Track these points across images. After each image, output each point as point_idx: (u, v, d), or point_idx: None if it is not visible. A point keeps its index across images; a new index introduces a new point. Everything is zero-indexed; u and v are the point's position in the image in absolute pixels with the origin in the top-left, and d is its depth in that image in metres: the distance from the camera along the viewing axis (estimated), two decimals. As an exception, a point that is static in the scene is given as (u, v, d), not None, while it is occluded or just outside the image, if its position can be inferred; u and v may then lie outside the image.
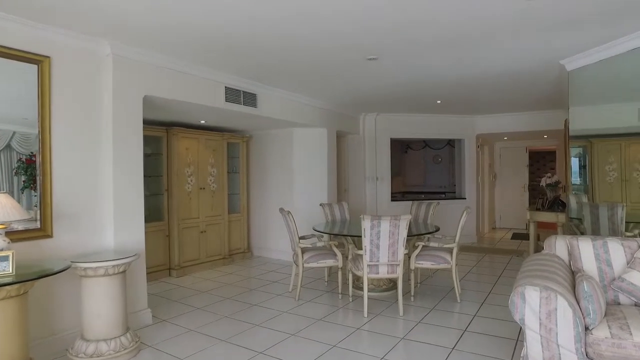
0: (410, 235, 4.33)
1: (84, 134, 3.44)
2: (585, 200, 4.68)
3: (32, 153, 3.12)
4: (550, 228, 9.30)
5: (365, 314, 4.01)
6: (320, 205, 5.73)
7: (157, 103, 4.34)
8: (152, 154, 5.91)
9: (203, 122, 5.90)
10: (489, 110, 7.64)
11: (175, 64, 4.14)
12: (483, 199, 9.33)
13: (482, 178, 9.16)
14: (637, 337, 2.16)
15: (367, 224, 3.89)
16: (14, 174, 3.06)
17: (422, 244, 4.43)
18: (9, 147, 3.02)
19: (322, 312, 4.20)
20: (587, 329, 2.29)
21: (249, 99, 5.17)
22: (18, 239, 2.90)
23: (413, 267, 4.43)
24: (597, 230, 4.42)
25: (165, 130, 5.81)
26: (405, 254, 4.14)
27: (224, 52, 3.95)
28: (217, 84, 4.71)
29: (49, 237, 3.16)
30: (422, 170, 10.68)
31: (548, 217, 5.47)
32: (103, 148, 3.58)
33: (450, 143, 10.01)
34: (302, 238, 4.93)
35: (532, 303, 2.37)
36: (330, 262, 4.57)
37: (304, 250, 4.64)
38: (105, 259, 3.01)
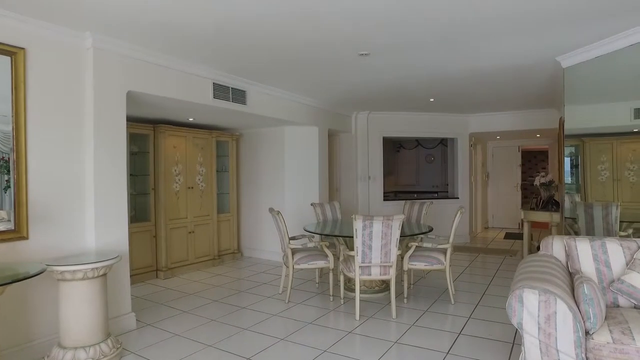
0: (403, 236, 4.23)
1: (63, 130, 3.28)
2: (578, 200, 4.63)
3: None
4: (543, 227, 9.31)
5: (357, 317, 3.89)
6: (312, 205, 5.61)
7: (142, 99, 4.18)
8: (138, 152, 5.75)
9: (191, 119, 5.74)
10: (482, 109, 7.57)
11: (161, 59, 3.99)
12: (476, 199, 9.28)
13: (474, 177, 9.10)
14: (640, 342, 2.07)
15: (359, 225, 3.78)
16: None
17: (415, 245, 4.33)
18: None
19: (312, 314, 4.08)
20: (587, 334, 2.20)
21: (238, 96, 5.03)
22: (-10, 241, 2.74)
23: (406, 268, 4.33)
24: (591, 230, 4.38)
25: (152, 128, 5.65)
26: (398, 255, 4.03)
27: (212, 47, 3.81)
28: (204, 80, 4.57)
29: (24, 238, 2.99)
30: (414, 170, 10.62)
31: (542, 216, 5.41)
32: (84, 145, 3.43)
33: (443, 142, 9.96)
34: (292, 239, 4.81)
35: (530, 307, 2.27)
36: (321, 263, 4.45)
37: (294, 251, 4.52)
38: (84, 262, 2.86)
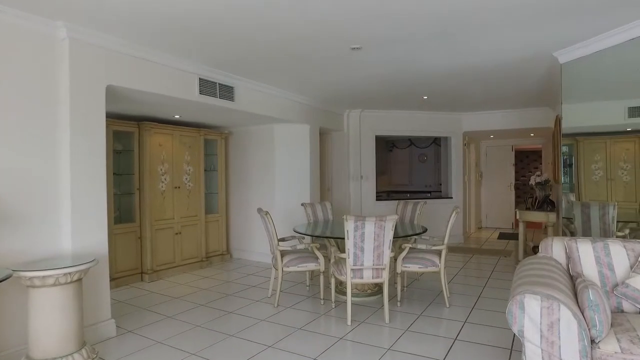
0: (397, 237, 4.08)
1: (35, 126, 3.07)
2: (573, 199, 4.55)
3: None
4: (536, 227, 9.23)
5: (349, 322, 3.73)
6: (302, 205, 5.44)
7: (124, 94, 3.99)
8: (122, 151, 5.54)
9: (177, 116, 5.55)
10: (476, 108, 7.45)
11: (143, 52, 3.80)
12: (469, 198, 9.18)
13: (468, 177, 8.99)
14: (650, 352, 1.94)
15: (350, 226, 3.62)
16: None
17: (409, 246, 4.18)
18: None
19: (302, 319, 3.92)
20: (592, 342, 2.06)
21: (226, 92, 4.85)
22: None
23: (399, 270, 4.18)
24: (587, 230, 4.32)
25: (137, 125, 5.44)
26: (391, 257, 3.88)
27: (196, 40, 3.62)
28: (190, 75, 4.38)
29: (-9, 241, 2.80)
30: (407, 169, 10.51)
31: (538, 216, 5.29)
32: (60, 142, 3.23)
33: (436, 142, 9.85)
34: (281, 240, 4.64)
35: (532, 313, 2.12)
36: (312, 265, 4.29)
37: (284, 254, 4.35)
38: (56, 267, 2.66)
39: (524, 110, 7.45)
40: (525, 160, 13.90)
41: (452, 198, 8.06)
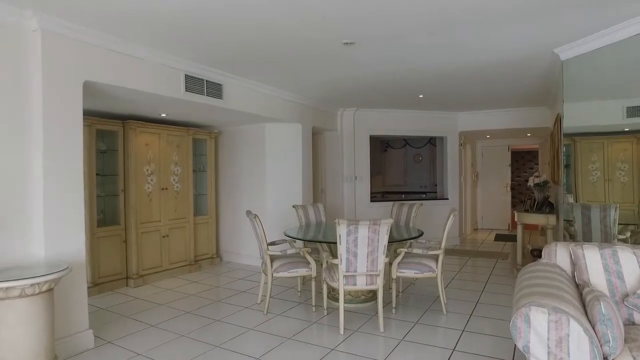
0: (392, 241, 3.90)
1: (3, 123, 2.86)
2: (571, 201, 4.42)
3: None
4: (533, 229, 9.09)
5: (342, 331, 3.54)
6: (294, 207, 5.25)
7: (104, 91, 3.77)
8: (106, 151, 5.32)
9: (164, 115, 5.33)
10: (473, 107, 7.30)
11: (125, 47, 3.59)
12: (465, 199, 9.02)
13: (464, 178, 8.84)
14: (669, 372, 1.77)
15: (343, 230, 3.43)
16: None
17: (404, 251, 4.00)
18: None
19: (293, 328, 3.72)
20: (605, 360, 1.89)
21: (214, 90, 4.64)
22: None
23: (395, 276, 4.00)
24: (588, 233, 4.19)
25: (122, 124, 5.22)
26: (386, 262, 3.69)
27: (183, 35, 3.43)
28: (175, 72, 4.17)
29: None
30: (402, 170, 10.35)
31: (537, 219, 5.13)
32: (32, 141, 3.01)
33: (432, 142, 9.70)
34: (272, 244, 4.45)
35: (538, 328, 1.95)
36: (303, 271, 4.09)
37: (273, 258, 4.15)
38: (22, 277, 2.45)
39: (521, 110, 7.31)
40: (521, 161, 13.81)
41: (448, 199, 7.89)
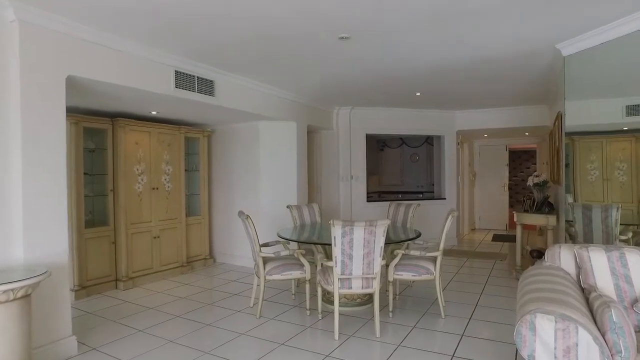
0: (389, 243, 3.78)
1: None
2: (571, 200, 4.33)
3: None
4: (531, 229, 8.99)
5: (336, 337, 3.41)
6: (288, 208, 5.11)
7: (89, 87, 3.62)
8: (95, 149, 5.17)
9: (154, 113, 5.18)
10: (471, 105, 7.19)
11: (110, 40, 3.45)
12: (463, 199, 8.91)
13: (462, 177, 8.73)
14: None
15: (337, 231, 3.30)
16: None
17: (401, 252, 3.87)
18: None
19: (286, 333, 3.59)
20: (616, 371, 1.77)
21: (205, 86, 4.50)
22: None
23: (391, 278, 3.87)
24: (589, 234, 4.11)
25: (111, 122, 5.07)
26: (383, 265, 3.56)
27: (172, 29, 3.29)
28: (165, 67, 4.03)
29: None
30: (399, 169, 10.23)
31: (537, 219, 5.02)
32: (10, 138, 2.86)
33: (429, 141, 9.59)
34: (265, 245, 4.31)
35: (545, 336, 1.82)
36: (297, 273, 3.96)
37: (266, 260, 4.02)
38: (-4, 282, 2.31)
39: (520, 109, 7.21)
40: (518, 160, 13.73)
41: (445, 199, 7.78)
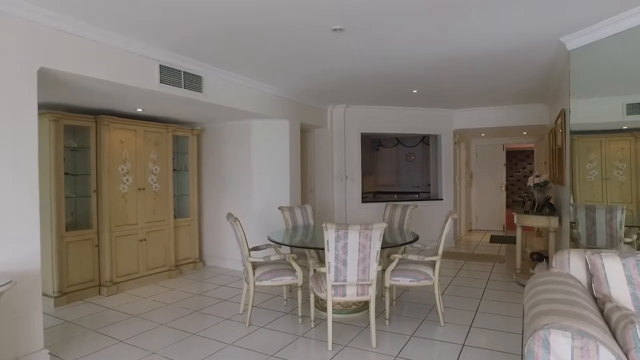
0: (385, 247, 3.58)
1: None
2: (572, 201, 4.18)
3: None
4: (529, 230, 8.83)
5: (330, 347, 3.21)
6: (279, 209, 4.90)
7: (66, 81, 3.39)
8: (78, 148, 4.93)
9: (140, 110, 4.94)
10: (468, 104, 7.01)
11: (89, 31, 3.22)
12: (460, 200, 8.74)
13: (459, 177, 8.55)
14: None
15: (331, 235, 3.09)
16: None
17: (398, 257, 3.67)
18: None
19: (276, 343, 3.38)
20: (641, 395, 1.58)
21: (192, 82, 4.28)
22: None
23: (388, 284, 3.67)
24: (592, 236, 3.97)
25: (94, 119, 4.83)
26: (379, 270, 3.36)
27: (155, 19, 3.06)
28: (148, 61, 3.81)
29: None
30: (394, 169, 10.06)
31: (539, 221, 4.84)
32: (-25, 136, 2.64)
33: (425, 140, 9.42)
34: (255, 249, 4.11)
35: (560, 354, 1.62)
36: (288, 279, 3.75)
37: (256, 265, 3.80)
38: (-49, 294, 2.08)
39: (518, 107, 7.04)
40: (513, 160, 13.63)
41: (442, 200, 7.59)
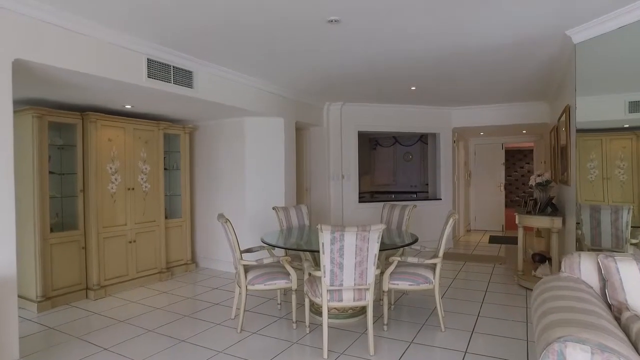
0: (383, 249, 3.42)
1: None
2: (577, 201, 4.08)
3: None
4: (528, 231, 8.69)
5: (325, 354, 3.04)
6: (274, 209, 4.73)
7: (44, 73, 3.21)
8: (64, 146, 4.75)
9: (128, 106, 4.76)
10: (468, 102, 6.86)
11: (70, 21, 3.04)
12: (458, 199, 8.60)
13: (457, 177, 8.41)
14: None
15: (326, 237, 2.92)
16: None
17: (397, 259, 3.51)
18: None
19: (269, 350, 3.21)
20: (668, 416, 1.42)
21: (183, 77, 4.10)
22: None
23: (386, 288, 3.51)
24: (597, 237, 3.88)
25: (80, 116, 4.64)
26: (377, 273, 3.19)
27: (141, 9, 2.88)
28: (135, 55, 3.63)
29: None
30: (391, 169, 9.90)
31: (541, 221, 4.69)
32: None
33: (422, 139, 9.27)
34: (247, 251, 3.94)
35: (578, 370, 1.46)
36: (282, 283, 3.58)
37: (248, 269, 3.63)
38: None
39: (517, 105, 6.91)
40: (512, 160, 13.52)
41: (441, 199, 7.44)
